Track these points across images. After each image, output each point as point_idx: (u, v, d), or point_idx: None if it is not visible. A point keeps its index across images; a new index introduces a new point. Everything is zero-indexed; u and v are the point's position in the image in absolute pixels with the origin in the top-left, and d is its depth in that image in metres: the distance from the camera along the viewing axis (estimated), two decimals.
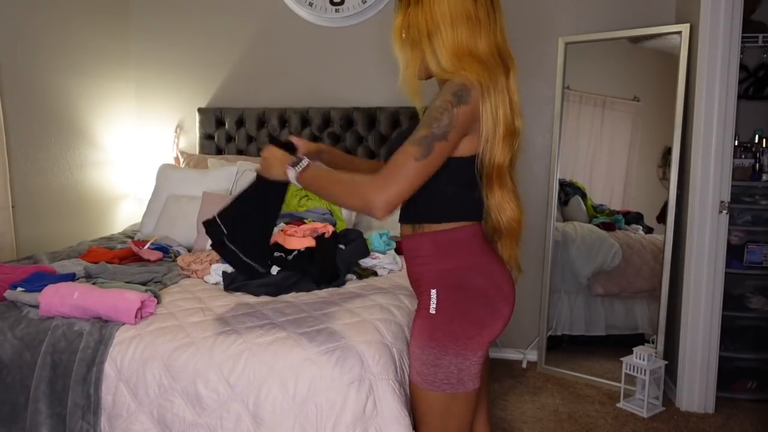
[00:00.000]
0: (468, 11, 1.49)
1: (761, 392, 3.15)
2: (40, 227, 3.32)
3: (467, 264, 1.55)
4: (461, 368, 1.52)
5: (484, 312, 1.54)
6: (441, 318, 1.53)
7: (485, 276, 1.55)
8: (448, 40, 1.49)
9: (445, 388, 1.53)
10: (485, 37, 1.51)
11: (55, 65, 3.44)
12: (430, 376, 1.53)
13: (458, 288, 1.54)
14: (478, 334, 1.53)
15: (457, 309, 1.53)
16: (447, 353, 1.52)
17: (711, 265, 2.97)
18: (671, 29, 3.12)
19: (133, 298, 1.92)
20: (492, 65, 1.49)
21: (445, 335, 1.52)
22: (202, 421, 1.70)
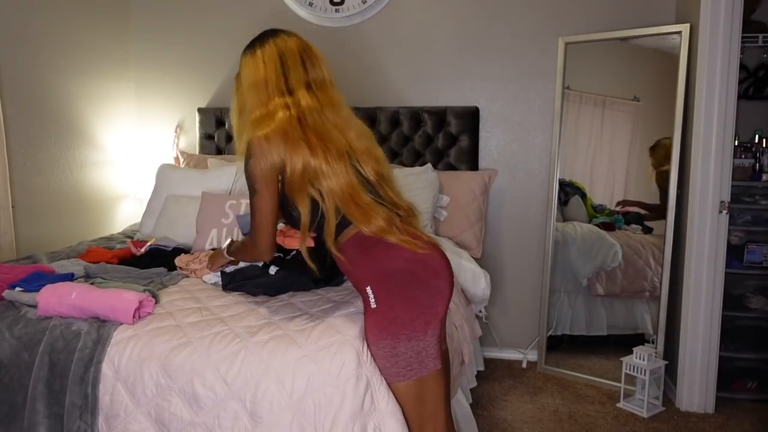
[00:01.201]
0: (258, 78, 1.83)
1: (761, 392, 3.14)
2: (40, 227, 3.32)
3: (377, 254, 1.70)
4: (418, 351, 1.64)
5: (419, 292, 1.66)
6: (383, 309, 1.66)
7: (404, 258, 1.68)
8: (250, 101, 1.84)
9: (409, 375, 1.64)
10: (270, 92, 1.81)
11: (55, 65, 3.44)
12: (393, 368, 1.64)
13: (387, 276, 1.67)
14: (422, 313, 1.65)
15: (393, 295, 1.66)
16: (399, 339, 1.63)
17: (711, 265, 2.97)
18: (671, 29, 3.12)
19: (131, 298, 1.92)
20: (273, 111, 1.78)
21: (392, 323, 1.64)
22: (199, 420, 1.70)
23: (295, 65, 1.83)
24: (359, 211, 1.71)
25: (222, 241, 2.86)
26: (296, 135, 1.73)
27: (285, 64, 1.82)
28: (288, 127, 1.74)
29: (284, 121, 1.74)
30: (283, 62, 1.82)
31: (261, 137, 1.72)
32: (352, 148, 1.81)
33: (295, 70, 1.83)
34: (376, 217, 1.71)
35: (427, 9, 3.62)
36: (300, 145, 1.71)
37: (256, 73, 1.83)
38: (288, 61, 1.83)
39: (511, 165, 3.61)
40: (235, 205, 2.96)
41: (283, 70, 1.81)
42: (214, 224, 2.91)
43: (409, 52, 3.65)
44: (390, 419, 1.61)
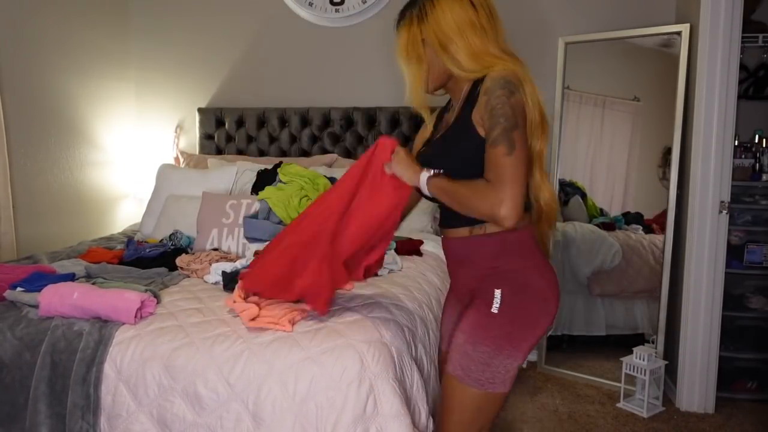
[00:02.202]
0: (471, 19, 1.55)
1: (761, 392, 3.14)
2: (40, 227, 3.32)
3: (531, 263, 1.59)
4: (508, 369, 1.56)
5: (540, 312, 1.57)
6: (502, 318, 1.56)
7: (545, 276, 1.59)
8: (462, 48, 1.55)
9: (488, 386, 1.56)
10: (491, 41, 1.56)
11: (55, 65, 3.44)
12: (477, 373, 1.56)
13: (523, 288, 1.56)
14: (532, 335, 1.57)
15: (518, 310, 1.56)
16: (501, 353, 1.55)
17: (711, 265, 2.97)
18: (671, 29, 3.12)
19: (133, 298, 1.92)
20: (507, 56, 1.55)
21: (503, 335, 1.55)
22: (201, 421, 1.70)
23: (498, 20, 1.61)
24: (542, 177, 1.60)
25: (222, 242, 2.86)
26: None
27: (494, 15, 1.60)
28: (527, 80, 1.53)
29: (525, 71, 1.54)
30: (492, 13, 1.59)
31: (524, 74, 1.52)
32: None
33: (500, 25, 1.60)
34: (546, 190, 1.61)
35: None
36: None
37: (464, 15, 1.55)
38: (494, 12, 1.60)
39: None
40: (235, 205, 2.96)
41: (495, 23, 1.59)
42: (215, 224, 2.91)
43: None
44: (393, 423, 1.60)
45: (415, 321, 2.03)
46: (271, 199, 2.91)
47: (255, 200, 2.97)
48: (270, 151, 3.86)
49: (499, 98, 1.46)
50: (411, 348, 1.87)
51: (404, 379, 1.74)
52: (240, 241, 2.85)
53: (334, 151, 3.74)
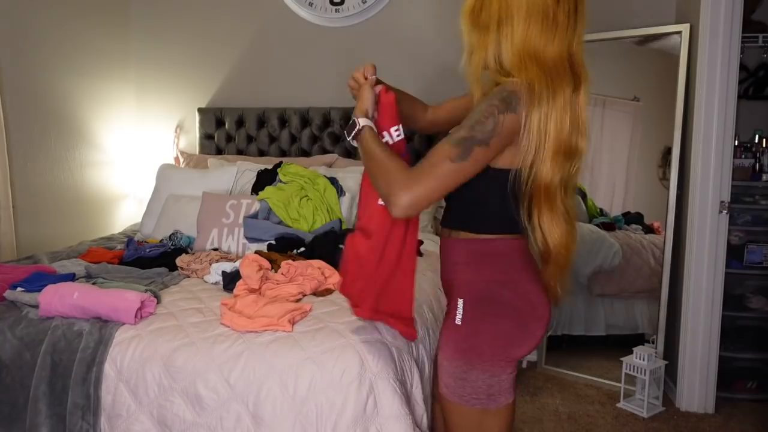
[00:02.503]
0: (546, 8, 1.36)
1: (761, 392, 3.14)
2: (40, 227, 3.32)
3: (501, 278, 1.46)
4: (490, 384, 1.44)
5: (513, 329, 1.45)
6: (466, 330, 1.46)
7: (519, 293, 1.46)
8: (517, 34, 1.37)
9: (474, 403, 1.45)
10: (558, 42, 1.38)
11: (55, 65, 3.44)
12: (458, 389, 1.46)
13: (487, 301, 1.45)
14: (505, 352, 1.45)
15: (483, 323, 1.45)
16: (474, 368, 1.44)
17: (711, 265, 2.97)
18: (671, 29, 3.12)
19: (133, 298, 1.92)
20: (555, 73, 1.36)
21: (471, 349, 1.44)
22: (202, 421, 1.70)
23: (582, 16, 1.41)
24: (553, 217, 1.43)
25: (222, 242, 2.86)
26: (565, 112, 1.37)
27: (577, 10, 1.40)
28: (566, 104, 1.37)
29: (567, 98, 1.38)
30: (577, 9, 1.40)
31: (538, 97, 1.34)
32: None
33: (581, 21, 1.41)
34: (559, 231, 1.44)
35: (427, 9, 3.63)
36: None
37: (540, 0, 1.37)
38: (580, 6, 1.41)
39: None
40: (235, 205, 2.96)
41: (575, 17, 1.40)
42: (215, 224, 2.91)
43: (409, 52, 3.65)
44: (393, 423, 1.60)
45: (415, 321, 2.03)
46: (271, 199, 2.92)
47: (255, 200, 2.97)
48: (270, 151, 3.86)
49: (490, 108, 1.33)
50: (411, 348, 1.87)
51: (404, 379, 1.74)
52: (240, 241, 2.85)
53: (334, 151, 3.74)
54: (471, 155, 1.32)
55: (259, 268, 2.21)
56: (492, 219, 1.47)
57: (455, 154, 1.32)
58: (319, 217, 2.90)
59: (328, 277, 2.28)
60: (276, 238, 2.76)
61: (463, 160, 1.32)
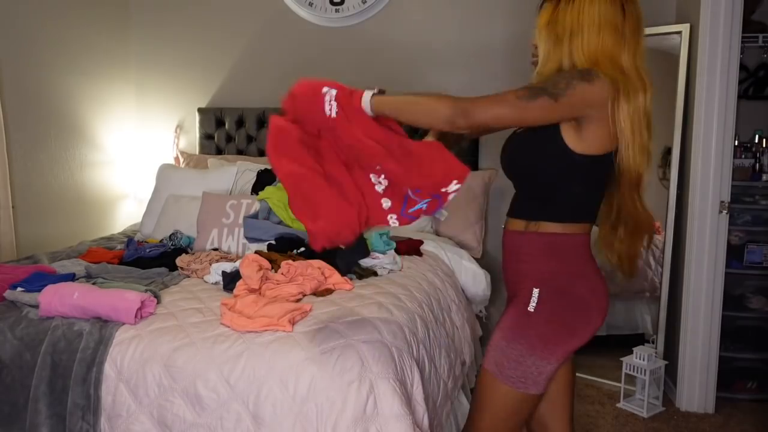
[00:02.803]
0: (616, 23, 1.47)
1: (761, 392, 3.14)
2: (40, 227, 3.32)
3: (576, 270, 1.56)
4: (541, 370, 1.54)
5: (579, 320, 1.55)
6: (538, 318, 1.54)
7: (590, 285, 1.56)
8: (591, 45, 1.48)
9: (519, 385, 1.54)
10: (628, 54, 1.48)
11: (56, 65, 3.44)
12: (510, 370, 1.55)
13: (562, 292, 1.55)
14: (568, 341, 1.55)
15: (555, 312, 1.54)
16: (533, 353, 1.53)
17: (711, 265, 2.97)
18: (671, 29, 3.12)
19: (133, 298, 1.92)
20: (632, 77, 1.47)
21: (537, 335, 1.53)
22: (202, 421, 1.70)
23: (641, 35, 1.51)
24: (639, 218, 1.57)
25: (222, 242, 2.86)
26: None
27: (640, 30, 1.51)
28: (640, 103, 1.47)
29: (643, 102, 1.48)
30: (639, 28, 1.51)
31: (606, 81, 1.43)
32: None
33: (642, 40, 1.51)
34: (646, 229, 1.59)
35: (427, 9, 3.62)
36: None
37: (612, 14, 1.47)
38: (640, 27, 1.51)
39: None
40: (235, 205, 2.96)
41: (638, 38, 1.50)
42: (215, 224, 2.91)
43: (409, 52, 3.65)
44: (393, 424, 1.60)
45: (415, 321, 2.03)
46: (271, 199, 2.91)
47: (255, 200, 2.97)
48: None
49: (567, 74, 1.44)
50: (411, 348, 1.87)
51: (405, 379, 1.74)
52: (240, 241, 2.85)
53: None
54: (537, 101, 1.40)
55: (259, 268, 2.21)
56: (572, 208, 1.56)
57: (522, 94, 1.40)
58: None
59: (328, 277, 2.28)
60: (276, 238, 2.76)
61: (528, 100, 1.40)
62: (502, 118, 1.43)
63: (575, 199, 1.56)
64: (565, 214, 1.56)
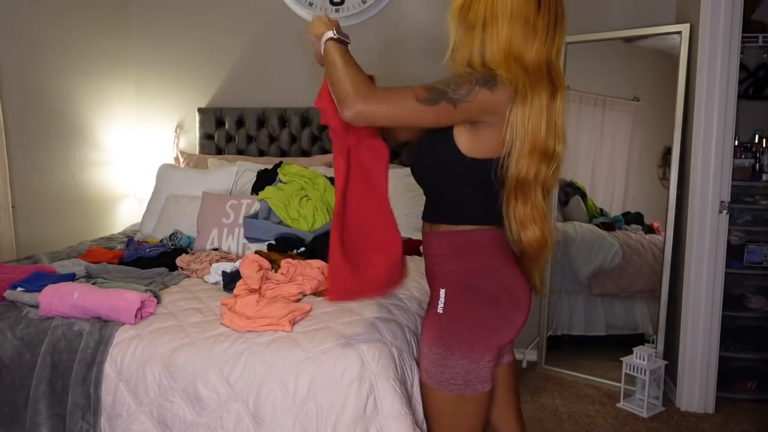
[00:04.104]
0: (527, 15, 1.45)
1: (761, 392, 3.14)
2: (40, 227, 3.32)
3: (480, 267, 1.54)
4: (468, 370, 1.52)
5: (492, 317, 1.52)
6: (448, 318, 1.54)
7: (498, 282, 1.53)
8: (502, 36, 1.45)
9: (452, 388, 1.53)
10: (537, 49, 1.46)
11: (55, 65, 3.44)
12: (437, 374, 1.54)
13: (468, 290, 1.53)
14: (485, 339, 1.52)
15: (464, 311, 1.53)
16: (453, 354, 1.52)
17: (711, 265, 2.97)
18: (671, 29, 3.12)
19: (133, 298, 1.92)
20: (534, 77, 1.44)
21: (451, 336, 1.52)
22: (202, 421, 1.70)
23: (561, 30, 1.50)
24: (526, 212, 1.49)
25: (222, 242, 2.86)
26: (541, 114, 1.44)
27: (557, 24, 1.49)
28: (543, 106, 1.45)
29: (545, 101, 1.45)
30: (556, 24, 1.49)
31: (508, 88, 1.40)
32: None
33: (560, 35, 1.50)
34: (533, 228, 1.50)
35: (427, 9, 3.62)
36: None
37: (523, 6, 1.45)
38: (559, 21, 1.50)
39: None
40: (235, 205, 2.96)
41: (555, 29, 1.48)
42: (215, 224, 2.91)
43: (409, 52, 3.65)
44: (393, 423, 1.60)
45: (415, 321, 2.03)
46: (271, 199, 2.92)
47: (255, 200, 2.97)
48: (270, 151, 3.86)
49: (470, 77, 1.41)
50: (411, 348, 1.87)
51: (405, 379, 1.74)
52: (240, 241, 2.85)
53: None
54: (437, 105, 1.38)
55: (259, 268, 2.21)
56: (470, 210, 1.54)
57: (423, 97, 1.38)
58: (319, 217, 2.90)
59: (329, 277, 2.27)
60: (276, 238, 2.76)
61: (428, 104, 1.38)
62: (398, 119, 1.41)
63: (471, 202, 1.53)
64: (462, 216, 1.54)
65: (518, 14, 1.44)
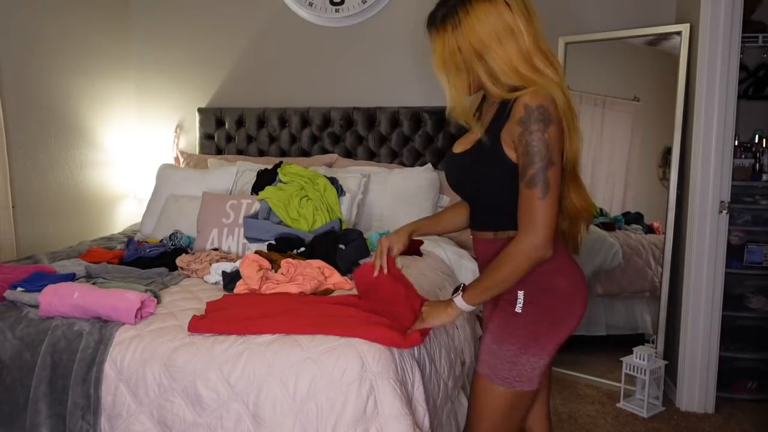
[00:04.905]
0: (510, 26, 1.49)
1: (761, 392, 3.14)
2: (40, 227, 3.32)
3: (553, 267, 1.57)
4: (535, 367, 1.58)
5: (564, 313, 1.59)
6: (526, 318, 1.58)
7: (567, 277, 1.59)
8: (502, 55, 1.49)
9: (514, 384, 1.58)
10: (531, 45, 1.50)
11: (55, 65, 3.44)
12: (504, 371, 1.58)
13: (544, 291, 1.57)
14: (557, 335, 1.59)
15: (541, 311, 1.57)
16: (526, 352, 1.57)
17: (711, 265, 2.97)
18: (671, 29, 3.12)
19: (133, 298, 1.92)
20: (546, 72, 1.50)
21: (528, 335, 1.57)
22: (202, 421, 1.70)
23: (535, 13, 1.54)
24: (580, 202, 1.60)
25: (222, 242, 2.86)
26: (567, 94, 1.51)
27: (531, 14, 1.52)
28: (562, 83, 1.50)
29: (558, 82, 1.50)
30: (529, 12, 1.52)
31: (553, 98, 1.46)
32: None
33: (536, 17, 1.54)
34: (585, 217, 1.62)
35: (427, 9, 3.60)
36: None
37: (500, 20, 1.48)
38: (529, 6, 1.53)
39: None
40: (235, 205, 2.96)
41: (533, 22, 1.52)
42: (215, 224, 2.91)
43: (409, 52, 3.65)
44: (393, 424, 1.60)
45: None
46: (271, 199, 2.92)
47: (255, 200, 2.97)
48: (270, 151, 3.87)
49: (534, 133, 1.43)
50: (412, 348, 1.87)
51: (405, 379, 1.74)
52: (240, 241, 2.85)
53: (334, 151, 3.74)
54: (551, 182, 1.44)
55: (259, 268, 2.21)
56: None
57: (540, 192, 1.44)
58: (319, 217, 2.90)
59: (328, 276, 2.28)
60: (276, 238, 2.76)
61: (548, 191, 1.44)
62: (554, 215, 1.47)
63: None
64: None
65: (501, 29, 1.48)
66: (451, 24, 1.54)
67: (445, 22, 1.56)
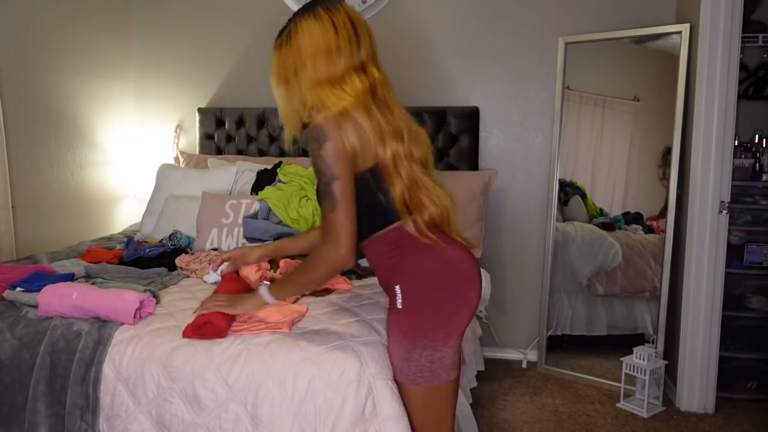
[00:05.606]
0: (328, 43, 1.56)
1: (761, 392, 3.14)
2: (40, 227, 3.32)
3: (419, 252, 1.60)
4: (432, 360, 1.57)
5: (448, 300, 1.58)
6: (407, 311, 1.58)
7: (442, 260, 1.59)
8: (310, 74, 1.57)
9: (419, 381, 1.58)
10: (344, 62, 1.57)
11: (55, 65, 3.44)
12: (404, 369, 1.60)
13: (416, 279, 1.58)
14: (445, 324, 1.57)
15: (421, 300, 1.58)
16: (416, 346, 1.56)
17: (711, 265, 2.97)
18: (671, 29, 3.12)
19: (132, 299, 1.92)
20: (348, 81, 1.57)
21: (412, 328, 1.57)
22: (200, 421, 1.70)
23: (365, 36, 1.63)
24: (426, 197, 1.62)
25: (222, 242, 2.86)
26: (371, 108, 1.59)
27: (357, 33, 1.61)
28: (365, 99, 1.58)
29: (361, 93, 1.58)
30: (356, 30, 1.60)
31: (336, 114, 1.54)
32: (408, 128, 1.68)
33: (365, 40, 1.63)
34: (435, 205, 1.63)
35: (427, 9, 3.62)
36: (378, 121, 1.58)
37: (324, 37, 1.56)
38: (359, 30, 1.62)
39: (511, 165, 3.61)
40: (235, 205, 2.96)
41: (357, 39, 1.60)
42: (215, 224, 2.91)
43: (409, 52, 3.65)
44: (392, 425, 1.60)
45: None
46: (271, 199, 2.92)
47: (255, 200, 2.97)
48: (270, 151, 3.86)
49: (313, 153, 1.53)
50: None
51: None
52: (240, 241, 2.85)
53: None
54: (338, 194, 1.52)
55: (258, 269, 2.21)
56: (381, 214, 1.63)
57: (330, 205, 1.53)
58: (319, 217, 2.90)
59: None
60: (275, 238, 2.76)
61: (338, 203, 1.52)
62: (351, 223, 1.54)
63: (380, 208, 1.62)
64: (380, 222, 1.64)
65: (320, 48, 1.56)
66: (286, 38, 1.62)
67: (281, 37, 1.64)
